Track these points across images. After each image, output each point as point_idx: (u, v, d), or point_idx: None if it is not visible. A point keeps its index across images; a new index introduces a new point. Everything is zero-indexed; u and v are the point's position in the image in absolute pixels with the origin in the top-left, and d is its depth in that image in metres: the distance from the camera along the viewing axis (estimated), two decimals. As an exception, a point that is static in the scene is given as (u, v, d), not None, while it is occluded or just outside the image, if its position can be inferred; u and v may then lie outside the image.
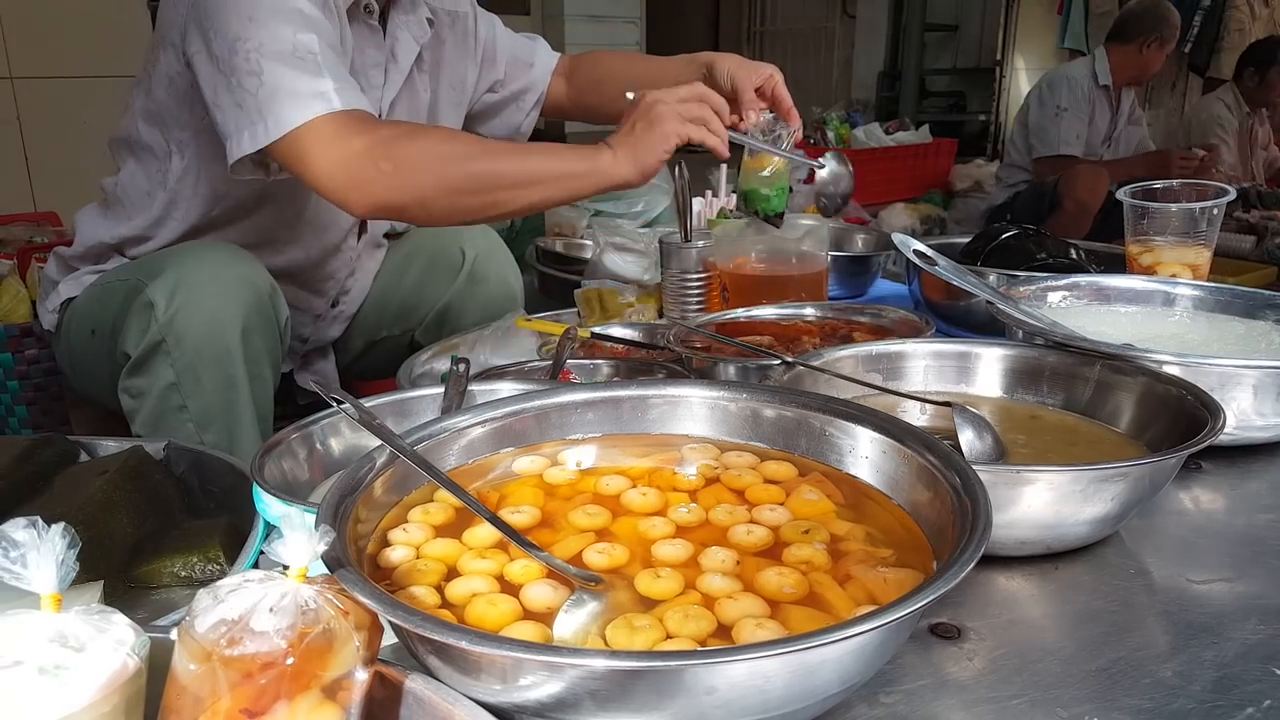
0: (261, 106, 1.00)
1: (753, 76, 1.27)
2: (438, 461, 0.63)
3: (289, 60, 1.00)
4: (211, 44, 1.03)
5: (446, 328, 1.48)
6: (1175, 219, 1.19)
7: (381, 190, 1.00)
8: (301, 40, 1.01)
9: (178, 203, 1.21)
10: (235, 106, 1.02)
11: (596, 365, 1.09)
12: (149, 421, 1.11)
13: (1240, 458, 0.86)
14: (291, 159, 1.01)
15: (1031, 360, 0.87)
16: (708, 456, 0.67)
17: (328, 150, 0.99)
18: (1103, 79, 3.43)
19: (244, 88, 1.00)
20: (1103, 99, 3.48)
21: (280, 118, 1.00)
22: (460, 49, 1.39)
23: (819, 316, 1.19)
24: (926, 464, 0.57)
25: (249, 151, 1.01)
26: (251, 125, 1.00)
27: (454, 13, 1.37)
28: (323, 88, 1.01)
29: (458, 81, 1.40)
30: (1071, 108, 3.39)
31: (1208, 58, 5.06)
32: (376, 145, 1.00)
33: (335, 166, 0.99)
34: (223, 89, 1.02)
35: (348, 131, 1.00)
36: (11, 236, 1.92)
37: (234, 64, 1.01)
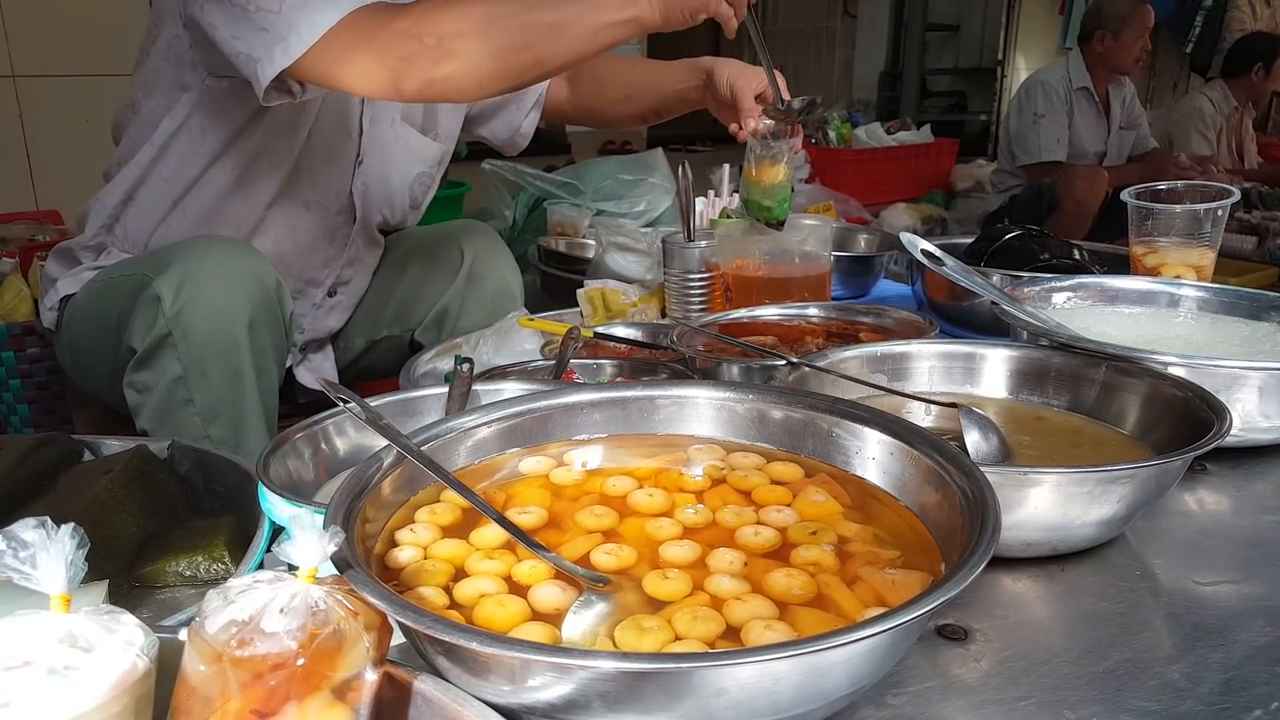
0: (290, 19, 1.00)
1: (753, 83, 1.29)
2: (444, 462, 0.63)
3: None
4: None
5: (446, 327, 1.48)
6: (1179, 220, 1.19)
7: (430, 65, 1.00)
8: None
9: (170, 174, 1.22)
10: (260, 30, 1.02)
11: (600, 365, 1.09)
12: (154, 416, 1.11)
13: (1245, 459, 0.85)
14: (330, 62, 1.01)
15: (1037, 361, 0.87)
16: (714, 457, 0.67)
17: (369, 40, 1.00)
18: (1077, 81, 3.43)
19: (265, 9, 1.01)
20: (1084, 100, 3.46)
21: (314, 24, 1.00)
22: None
23: (822, 317, 1.18)
24: (934, 465, 0.57)
25: (284, 66, 1.01)
26: (283, 40, 1.01)
27: None
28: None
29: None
30: (1049, 113, 3.39)
31: (1209, 57, 5.05)
32: (416, 23, 0.99)
33: (382, 52, 1.00)
34: (243, 21, 1.03)
35: (383, 18, 1.01)
36: (13, 235, 1.92)
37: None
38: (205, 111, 1.19)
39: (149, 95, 1.22)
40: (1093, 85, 3.45)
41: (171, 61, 1.18)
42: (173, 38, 1.16)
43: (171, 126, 1.21)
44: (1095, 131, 3.51)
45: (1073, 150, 3.45)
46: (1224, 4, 4.97)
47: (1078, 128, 3.46)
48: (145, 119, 1.24)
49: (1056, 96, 3.40)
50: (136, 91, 1.24)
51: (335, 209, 1.36)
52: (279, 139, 1.24)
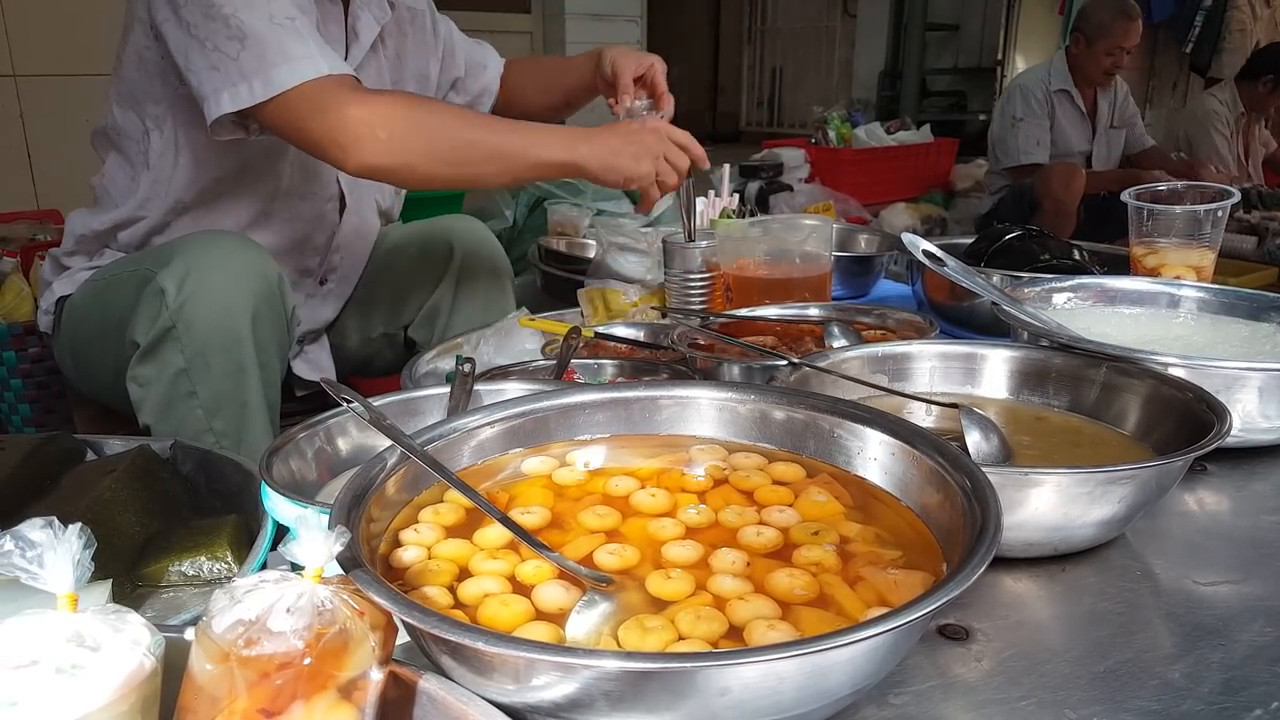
0: (244, 68, 1.04)
1: (632, 65, 1.36)
2: (448, 462, 0.63)
3: (269, 26, 1.05)
4: (180, 10, 1.06)
5: (438, 323, 1.49)
6: (1179, 221, 1.20)
7: (375, 154, 1.06)
8: (277, 6, 1.06)
9: (160, 180, 1.23)
10: (211, 69, 1.05)
11: (600, 365, 1.09)
12: (157, 409, 1.11)
13: (1245, 460, 0.86)
14: (283, 119, 1.06)
15: (1037, 362, 0.87)
16: (716, 458, 0.67)
17: (325, 113, 1.04)
18: (1056, 83, 3.44)
19: (221, 50, 1.04)
20: (1065, 102, 3.46)
21: (270, 80, 1.04)
22: (420, 43, 1.44)
23: (823, 317, 1.19)
24: (936, 466, 0.57)
25: (229, 110, 1.05)
26: (233, 86, 1.04)
27: (412, 8, 1.42)
28: (309, 51, 1.05)
29: (421, 75, 1.44)
30: (1027, 116, 3.41)
31: (1209, 58, 5.06)
32: (374, 113, 1.06)
33: (334, 129, 1.05)
34: (196, 52, 1.06)
35: (344, 97, 1.05)
36: (14, 234, 1.92)
37: (210, 29, 1.04)
38: (185, 120, 1.19)
39: (125, 109, 1.22)
40: (1074, 86, 3.45)
41: (143, 72, 1.18)
42: (142, 47, 1.16)
43: (154, 141, 1.21)
44: (1080, 132, 3.52)
45: (1057, 151, 3.45)
46: (1224, 4, 4.97)
47: (1061, 129, 3.47)
48: (127, 133, 1.23)
49: (1035, 100, 3.42)
50: (114, 105, 1.23)
51: (325, 196, 1.36)
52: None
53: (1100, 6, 3.37)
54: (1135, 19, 3.29)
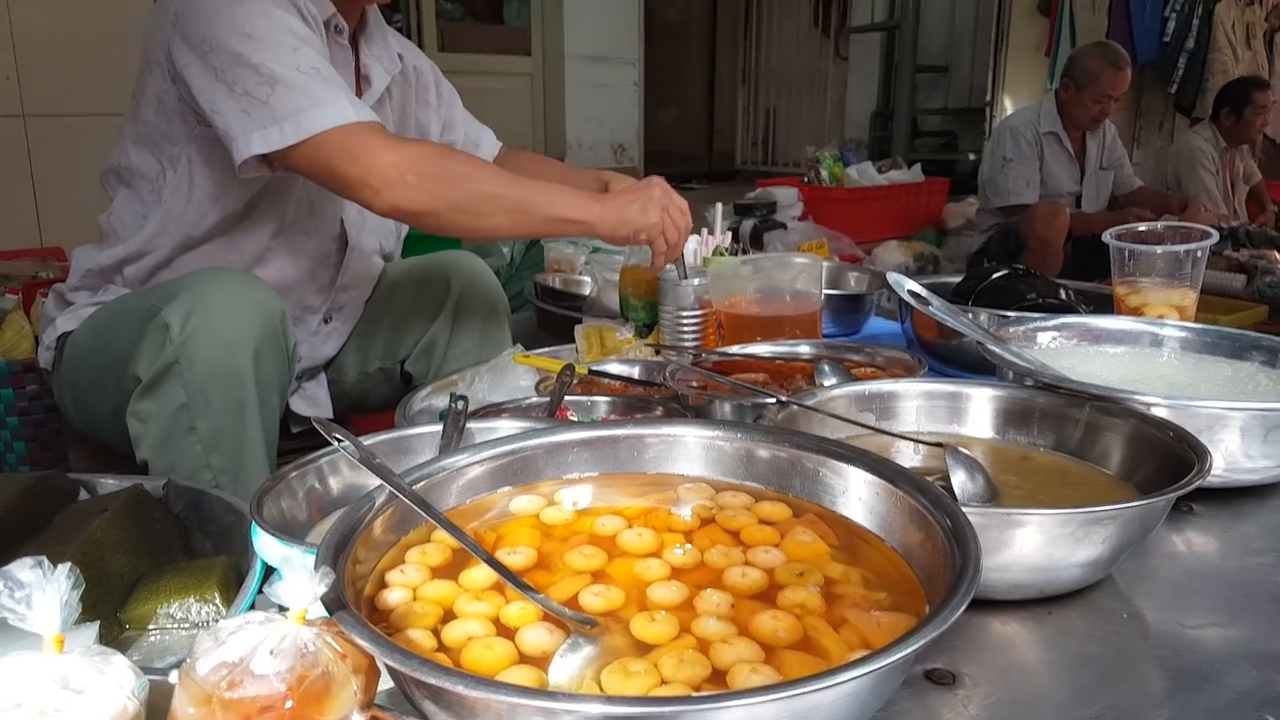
0: (275, 112, 1.08)
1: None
2: (437, 501, 0.64)
3: (297, 74, 1.09)
4: (207, 57, 1.09)
5: (435, 358, 1.50)
6: (1160, 261, 1.21)
7: (402, 198, 1.11)
8: (304, 56, 1.10)
9: (171, 217, 1.25)
10: (241, 113, 1.09)
11: (594, 402, 1.09)
12: (156, 444, 1.12)
13: (1231, 500, 0.86)
14: (313, 161, 1.10)
15: (1022, 401, 0.88)
16: (703, 497, 0.68)
17: (358, 157, 1.09)
18: (1046, 125, 3.49)
19: (251, 95, 1.08)
20: (1054, 144, 3.51)
21: (300, 124, 1.08)
22: (424, 101, 1.49)
23: (813, 354, 1.20)
24: (918, 506, 0.58)
25: (259, 152, 1.09)
26: (263, 129, 1.08)
27: (418, 68, 1.48)
28: (337, 97, 1.10)
29: (422, 129, 1.49)
30: (1017, 157, 3.46)
31: (1194, 98, 5.14)
32: (405, 158, 1.11)
33: (367, 172, 1.09)
34: (224, 96, 1.09)
35: (376, 143, 1.10)
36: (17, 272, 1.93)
37: (238, 74, 1.08)
38: (201, 159, 1.21)
39: (141, 149, 1.24)
40: (1063, 129, 3.50)
41: (161, 115, 1.20)
42: (162, 90, 1.19)
43: (169, 179, 1.24)
44: (1068, 173, 3.56)
45: (1047, 191, 3.50)
46: (1205, 47, 5.07)
47: (1050, 170, 3.52)
48: (141, 172, 1.25)
49: (1024, 141, 3.47)
50: (129, 144, 1.26)
51: (330, 234, 1.38)
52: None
53: (1089, 55, 3.43)
54: (1123, 69, 3.35)
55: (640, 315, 1.51)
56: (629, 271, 1.54)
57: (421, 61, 1.50)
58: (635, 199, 1.21)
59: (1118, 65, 3.34)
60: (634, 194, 1.23)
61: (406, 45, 1.48)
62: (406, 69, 1.44)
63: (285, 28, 1.11)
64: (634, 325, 1.50)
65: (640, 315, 1.51)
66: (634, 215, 1.20)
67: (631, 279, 1.53)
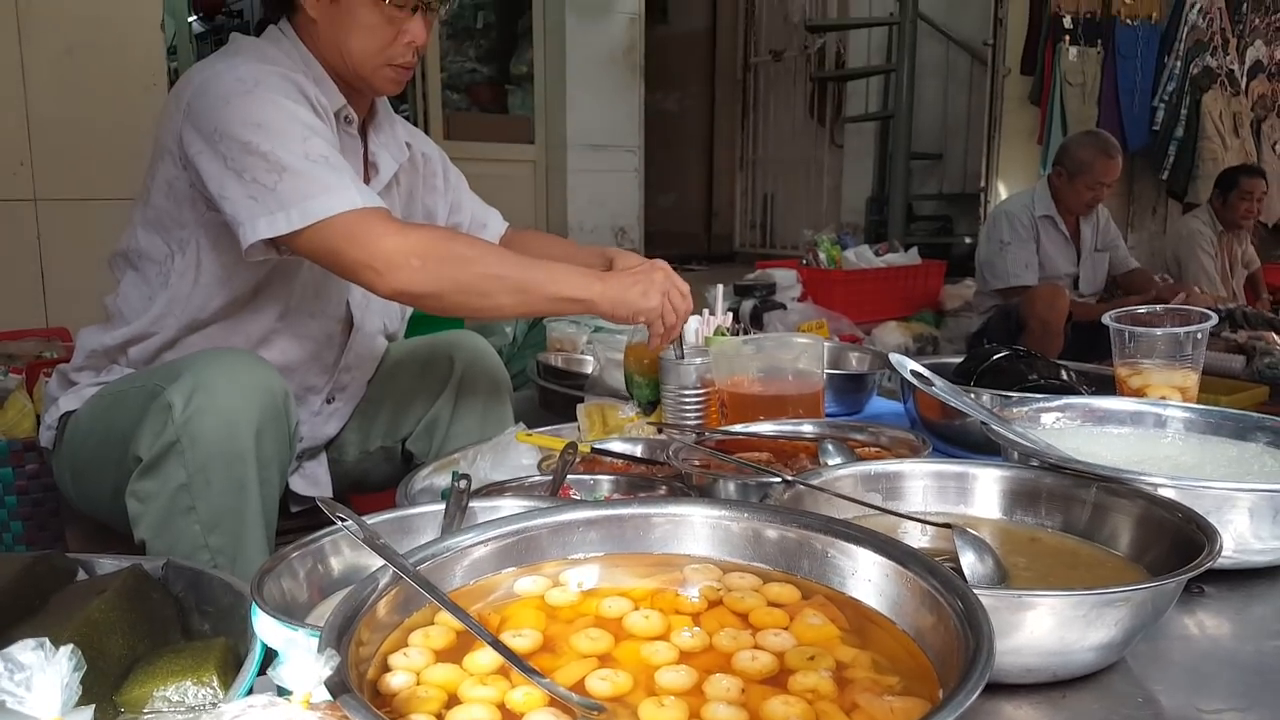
0: (282, 198, 1.11)
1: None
2: (440, 582, 0.63)
3: (305, 163, 1.12)
4: (217, 145, 1.13)
5: (436, 437, 1.50)
6: (1161, 343, 1.23)
7: (406, 281, 1.13)
8: (313, 145, 1.14)
9: (177, 298, 1.27)
10: (249, 199, 1.12)
11: (597, 481, 1.09)
12: (155, 525, 1.11)
13: (1242, 582, 0.85)
14: (319, 245, 1.13)
15: (1029, 482, 0.88)
16: (710, 578, 0.67)
17: (363, 241, 1.12)
18: (1040, 210, 3.55)
19: (259, 182, 1.11)
20: (1049, 228, 3.57)
21: (307, 210, 1.11)
22: (431, 185, 1.54)
23: (817, 434, 1.20)
24: (929, 588, 0.57)
25: (266, 236, 1.11)
26: (270, 214, 1.11)
27: (426, 155, 1.53)
28: (344, 184, 1.13)
29: (429, 213, 1.53)
30: (1014, 241, 3.51)
31: (1185, 185, 5.27)
32: (409, 243, 1.13)
33: (372, 256, 1.12)
34: (233, 182, 1.12)
35: (380, 229, 1.13)
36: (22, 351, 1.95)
37: (247, 162, 1.11)
38: (209, 243, 1.24)
39: (151, 233, 1.28)
40: (1057, 213, 3.56)
41: (171, 200, 1.24)
42: (172, 176, 1.22)
43: (177, 263, 1.26)
44: (1065, 256, 3.61)
45: (1045, 274, 3.54)
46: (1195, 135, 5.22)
47: (1047, 252, 3.57)
48: (149, 255, 1.28)
49: (1020, 224, 3.52)
50: (138, 228, 1.29)
51: (335, 316, 1.40)
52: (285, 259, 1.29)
53: (1080, 144, 3.51)
54: (1114, 156, 3.43)
55: (645, 392, 1.52)
56: (634, 349, 1.55)
57: (429, 148, 1.55)
58: (637, 281, 1.23)
59: (1109, 153, 3.42)
60: (636, 275, 1.25)
61: (415, 133, 1.53)
62: (415, 155, 1.48)
63: (295, 118, 1.15)
64: (637, 403, 1.51)
65: (645, 392, 1.52)
66: (634, 297, 1.22)
67: (636, 356, 1.54)
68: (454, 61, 5.22)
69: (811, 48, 5.91)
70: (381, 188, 1.38)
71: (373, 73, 1.29)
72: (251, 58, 1.22)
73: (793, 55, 6.04)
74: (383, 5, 1.24)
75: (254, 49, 1.26)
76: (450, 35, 5.15)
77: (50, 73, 2.64)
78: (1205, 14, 5.24)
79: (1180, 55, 5.21)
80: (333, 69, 1.29)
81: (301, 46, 1.28)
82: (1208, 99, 5.20)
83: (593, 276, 1.22)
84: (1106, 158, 3.41)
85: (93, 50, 2.70)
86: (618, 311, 1.22)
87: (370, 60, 1.27)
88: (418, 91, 4.65)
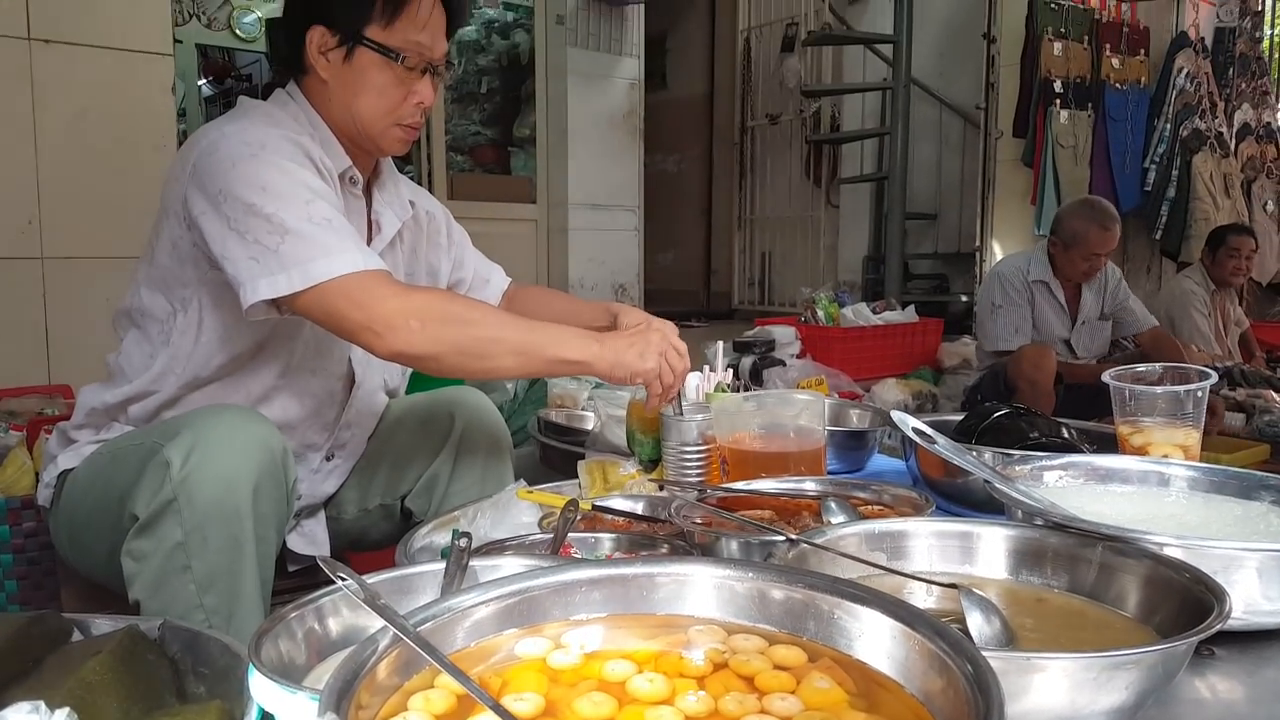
0: (284, 260, 1.12)
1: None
2: (441, 643, 0.62)
3: (308, 225, 1.13)
4: (221, 206, 1.14)
5: (436, 494, 1.49)
6: (1161, 401, 1.23)
7: (405, 342, 1.14)
8: (316, 208, 1.15)
9: (179, 357, 1.27)
10: (250, 260, 1.13)
11: (598, 539, 1.08)
12: (150, 584, 1.09)
13: (1253, 643, 0.84)
14: (319, 307, 1.14)
15: (1034, 541, 0.87)
16: (715, 640, 0.66)
17: (363, 304, 1.13)
18: (1035, 275, 3.50)
19: (261, 243, 1.12)
20: (1044, 292, 3.53)
21: (308, 272, 1.12)
22: (435, 242, 1.56)
23: (819, 492, 1.19)
24: (938, 651, 0.57)
25: (266, 297, 1.12)
26: (271, 275, 1.12)
27: (430, 212, 1.55)
28: (346, 246, 1.14)
29: (432, 270, 1.54)
30: (1005, 304, 3.48)
31: (1178, 244, 5.34)
32: (409, 306, 1.15)
33: (371, 318, 1.13)
34: (235, 243, 1.14)
35: (380, 292, 1.14)
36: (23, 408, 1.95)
37: (250, 223, 1.13)
38: (211, 302, 1.25)
39: (154, 291, 1.29)
40: (1054, 279, 3.51)
41: (175, 259, 1.25)
42: (177, 236, 1.24)
43: (179, 321, 1.27)
44: (1060, 321, 3.57)
45: (1039, 337, 3.49)
46: (1187, 196, 5.30)
47: (1041, 315, 3.53)
48: (152, 314, 1.29)
49: (1012, 288, 3.50)
50: (142, 287, 1.30)
51: (337, 374, 1.40)
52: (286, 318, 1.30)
53: (1074, 215, 3.44)
54: (1109, 228, 3.36)
55: (647, 450, 1.52)
56: (636, 407, 1.56)
57: (434, 206, 1.57)
58: (634, 342, 1.24)
59: (1104, 225, 3.36)
60: (633, 337, 1.25)
61: (419, 191, 1.55)
62: (419, 213, 1.51)
63: (299, 181, 1.17)
64: (639, 460, 1.50)
65: (647, 450, 1.52)
66: (631, 360, 1.23)
67: (638, 414, 1.54)
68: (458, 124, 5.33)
69: (807, 111, 6.05)
70: (384, 245, 1.39)
71: (381, 133, 1.32)
72: (258, 121, 1.25)
73: (789, 119, 6.18)
74: (394, 67, 1.27)
75: (261, 112, 1.29)
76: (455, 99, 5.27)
77: (62, 134, 2.69)
78: (1193, 78, 5.37)
79: (1169, 118, 5.32)
80: (341, 130, 1.32)
81: (309, 109, 1.31)
82: (1198, 160, 5.29)
83: (590, 338, 1.23)
84: (1101, 229, 3.36)
85: (105, 113, 2.75)
86: (615, 373, 1.23)
87: (380, 120, 1.30)
88: (423, 153, 4.74)
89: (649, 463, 1.50)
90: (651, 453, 1.51)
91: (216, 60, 6.17)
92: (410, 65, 1.28)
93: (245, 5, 5.38)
